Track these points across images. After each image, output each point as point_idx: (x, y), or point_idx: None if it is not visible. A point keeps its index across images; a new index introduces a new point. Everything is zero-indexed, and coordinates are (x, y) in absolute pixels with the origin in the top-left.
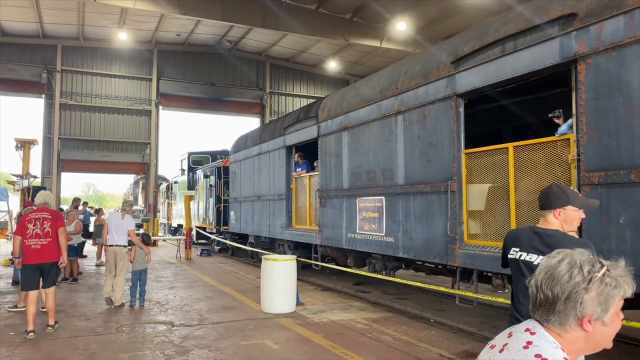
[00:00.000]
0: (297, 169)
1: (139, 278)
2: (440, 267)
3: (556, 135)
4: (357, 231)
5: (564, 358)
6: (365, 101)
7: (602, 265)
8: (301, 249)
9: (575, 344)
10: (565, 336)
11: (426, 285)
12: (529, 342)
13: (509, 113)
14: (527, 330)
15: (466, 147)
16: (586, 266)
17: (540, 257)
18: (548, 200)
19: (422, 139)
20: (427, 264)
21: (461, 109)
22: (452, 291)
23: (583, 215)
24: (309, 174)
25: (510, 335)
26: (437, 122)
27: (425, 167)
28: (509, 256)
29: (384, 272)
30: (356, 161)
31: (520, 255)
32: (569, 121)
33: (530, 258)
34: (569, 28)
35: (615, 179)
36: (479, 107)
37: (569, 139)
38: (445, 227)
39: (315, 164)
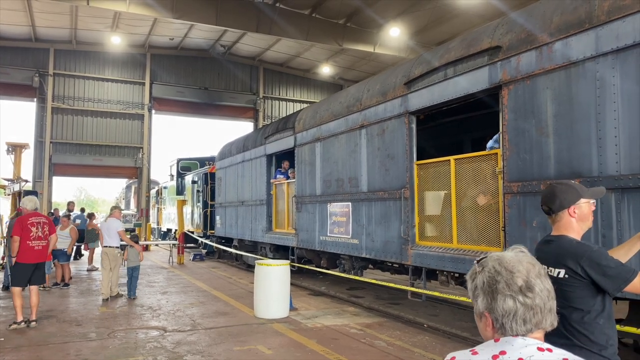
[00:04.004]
0: (278, 176)
1: (132, 274)
2: (397, 265)
3: (487, 149)
4: (328, 234)
5: None
6: (335, 115)
7: None
8: (281, 251)
9: None
10: None
11: (389, 283)
12: None
13: (469, 125)
14: None
15: (432, 157)
16: None
17: (543, 266)
18: (557, 200)
19: (381, 151)
20: (389, 264)
21: (413, 125)
22: (404, 287)
23: (594, 207)
24: (288, 181)
25: None
26: (394, 136)
27: (384, 176)
28: None
29: (352, 272)
30: (327, 170)
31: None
32: (495, 136)
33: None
34: (496, 58)
35: (529, 188)
36: (444, 119)
37: (496, 153)
38: (400, 229)
39: (289, 172)
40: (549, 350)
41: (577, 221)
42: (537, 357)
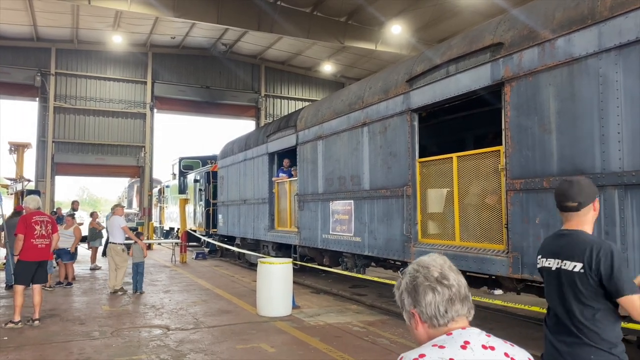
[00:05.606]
0: (280, 174)
1: (136, 269)
2: (399, 263)
3: None
4: (331, 232)
5: None
6: (337, 113)
7: None
8: (284, 249)
9: None
10: None
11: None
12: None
13: (472, 123)
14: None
15: (434, 155)
16: None
17: (557, 260)
18: (584, 194)
19: (383, 149)
20: (391, 261)
21: (415, 123)
22: None
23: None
24: (290, 179)
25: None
26: (396, 134)
27: (386, 174)
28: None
29: (354, 270)
30: (329, 168)
31: (541, 261)
32: None
33: (549, 263)
34: (498, 55)
35: (532, 186)
36: (446, 117)
37: (499, 151)
38: (402, 227)
39: (292, 170)
40: (489, 335)
41: (594, 215)
42: (491, 342)
